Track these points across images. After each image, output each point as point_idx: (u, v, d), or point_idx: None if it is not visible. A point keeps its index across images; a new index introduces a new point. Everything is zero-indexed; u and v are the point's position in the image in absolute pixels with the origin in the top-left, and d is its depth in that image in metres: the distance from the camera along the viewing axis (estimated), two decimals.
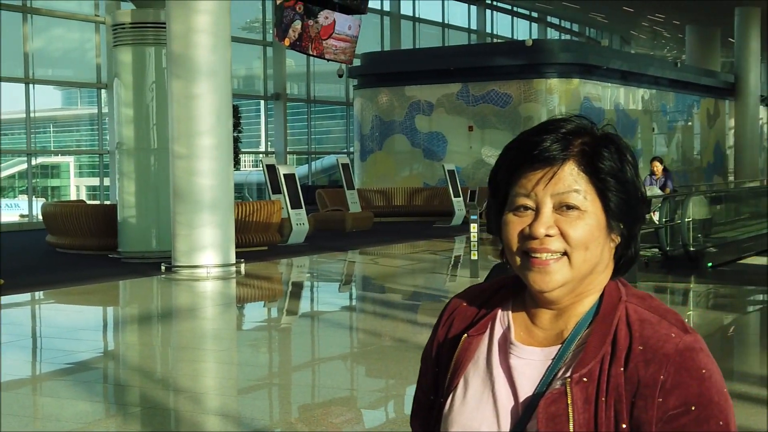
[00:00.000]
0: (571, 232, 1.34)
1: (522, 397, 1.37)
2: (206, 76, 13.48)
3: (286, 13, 17.73)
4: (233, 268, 13.53)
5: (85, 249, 16.55)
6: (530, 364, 1.39)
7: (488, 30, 41.99)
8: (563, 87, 25.92)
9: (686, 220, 13.80)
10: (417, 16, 37.97)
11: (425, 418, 1.51)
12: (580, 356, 1.34)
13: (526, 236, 1.36)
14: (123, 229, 15.83)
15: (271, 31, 31.44)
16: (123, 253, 15.69)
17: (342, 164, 23.14)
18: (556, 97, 25.68)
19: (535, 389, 1.36)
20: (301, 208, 18.46)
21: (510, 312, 1.46)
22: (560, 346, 1.38)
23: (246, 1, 31.22)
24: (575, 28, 48.62)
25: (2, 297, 11.54)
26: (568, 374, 1.33)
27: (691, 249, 13.74)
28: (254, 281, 13.53)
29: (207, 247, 13.34)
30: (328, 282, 14.14)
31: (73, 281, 12.79)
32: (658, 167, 14.44)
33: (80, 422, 6.01)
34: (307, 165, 35.79)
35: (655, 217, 13.98)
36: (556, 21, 46.91)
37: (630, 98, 29.34)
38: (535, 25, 45.86)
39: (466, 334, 1.46)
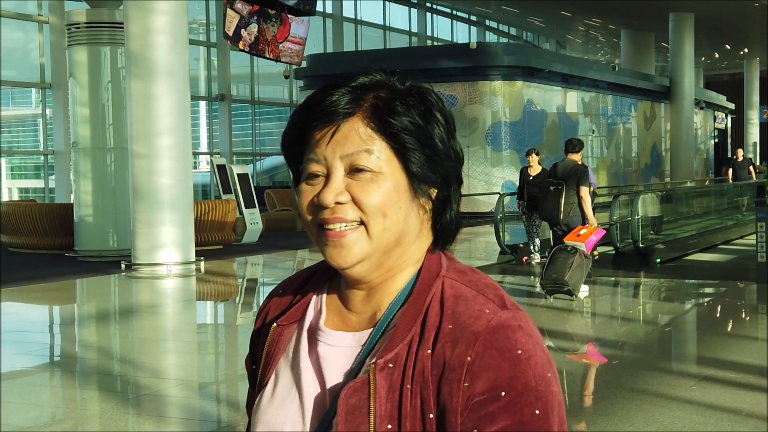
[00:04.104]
0: (363, 198, 1.19)
1: (330, 389, 1.23)
2: (165, 77, 13.58)
3: (242, 18, 17.89)
4: (193, 266, 13.66)
5: (39, 248, 16.52)
6: (340, 351, 1.24)
7: (428, 33, 42.42)
8: (507, 89, 26.39)
9: (636, 218, 14.27)
10: (359, 18, 38.24)
11: None
12: (388, 339, 1.19)
13: (318, 206, 1.21)
14: (80, 228, 15.84)
15: (214, 32, 31.42)
16: (80, 252, 15.70)
17: None
18: (500, 99, 26.14)
19: (344, 378, 1.22)
20: (255, 207, 18.62)
21: (324, 296, 1.31)
22: (372, 329, 1.23)
23: (188, 1, 31.13)
24: (513, 31, 49.31)
25: None
26: (374, 360, 1.18)
27: (641, 246, 14.21)
28: (216, 278, 13.67)
29: (167, 245, 13.45)
30: None
31: (32, 279, 12.81)
32: None
33: (76, 408, 6.18)
34: (251, 166, 35.83)
35: None
36: (494, 24, 47.54)
37: (571, 101, 29.95)
38: (474, 29, 46.43)
39: (275, 324, 1.31)
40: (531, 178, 13.58)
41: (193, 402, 6.47)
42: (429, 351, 1.15)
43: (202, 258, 13.97)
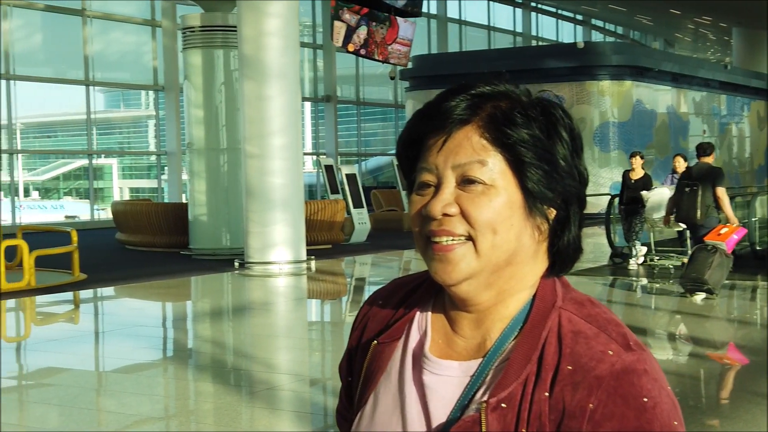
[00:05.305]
0: (472, 211, 1.11)
1: (435, 423, 1.15)
2: (277, 78, 13.78)
3: (351, 20, 18.09)
4: (304, 265, 13.85)
5: (155, 246, 16.98)
6: (446, 381, 1.16)
7: (533, 33, 42.12)
8: (615, 89, 26.05)
9: (753, 219, 13.93)
10: (463, 18, 38.20)
11: None
12: (501, 375, 1.11)
13: (426, 217, 1.14)
14: (194, 227, 16.23)
15: (320, 34, 31.77)
16: (194, 250, 16.09)
17: (397, 166, 23.46)
18: (608, 98, 25.82)
19: (450, 413, 1.14)
20: (363, 207, 18.81)
21: (429, 314, 1.23)
22: (481, 360, 1.15)
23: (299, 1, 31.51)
24: (619, 30, 48.60)
25: (86, 290, 11.99)
26: (485, 398, 1.10)
27: (758, 248, 13.87)
28: (326, 277, 13.83)
29: (279, 244, 13.67)
30: None
31: (150, 276, 13.18)
32: (681, 163, 12.85)
33: (190, 400, 6.34)
34: (356, 166, 36.16)
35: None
36: (600, 24, 46.92)
37: (681, 100, 29.38)
38: (579, 28, 45.91)
39: (376, 341, 1.24)
40: (632, 182, 13.21)
41: (304, 396, 6.58)
42: (546, 394, 1.08)
43: (312, 257, 14.16)
